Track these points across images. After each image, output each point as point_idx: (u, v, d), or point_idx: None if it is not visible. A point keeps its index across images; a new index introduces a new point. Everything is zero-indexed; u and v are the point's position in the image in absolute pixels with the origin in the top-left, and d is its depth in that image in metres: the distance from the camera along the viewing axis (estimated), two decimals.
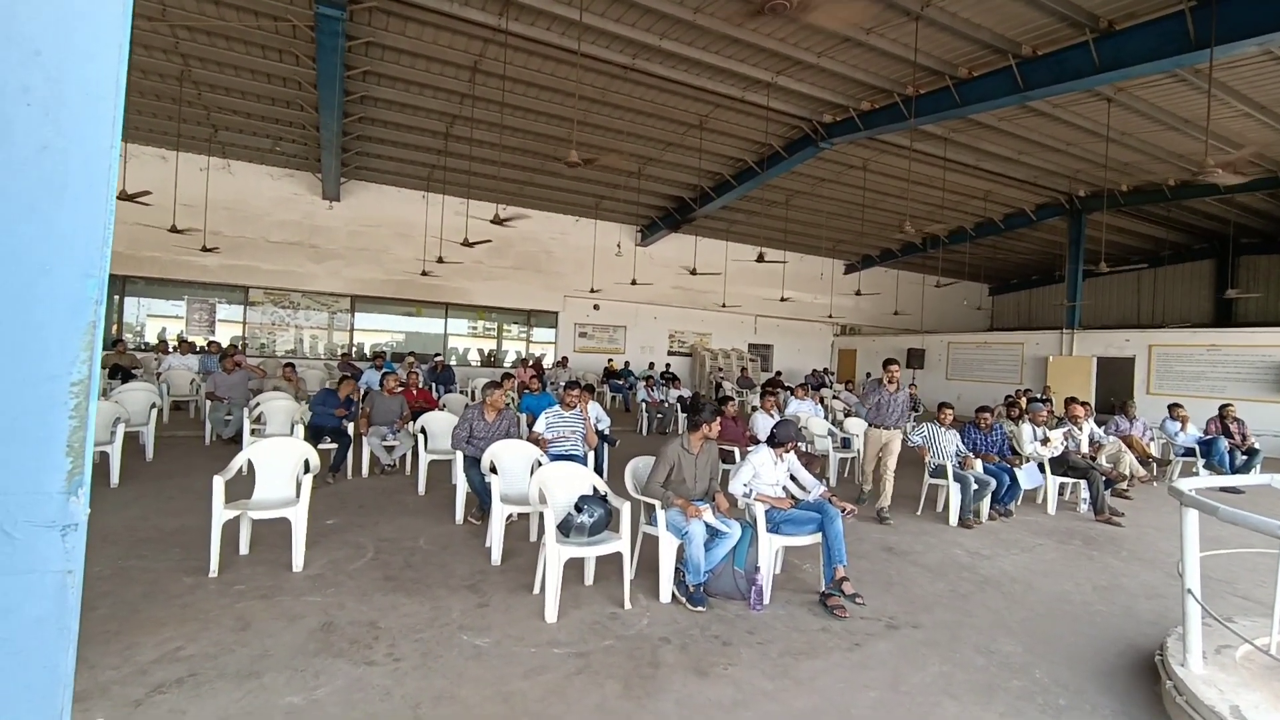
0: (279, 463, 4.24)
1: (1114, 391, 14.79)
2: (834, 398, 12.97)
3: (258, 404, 7.07)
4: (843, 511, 3.81)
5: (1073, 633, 3.52)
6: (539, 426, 5.37)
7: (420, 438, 6.19)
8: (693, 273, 16.02)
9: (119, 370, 10.09)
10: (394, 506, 5.49)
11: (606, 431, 6.77)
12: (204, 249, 12.93)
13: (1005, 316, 25.07)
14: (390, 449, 6.70)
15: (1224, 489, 7.06)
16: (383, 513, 5.27)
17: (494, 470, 4.49)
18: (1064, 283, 17.05)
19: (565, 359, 16.54)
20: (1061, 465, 6.61)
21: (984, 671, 3.02)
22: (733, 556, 3.75)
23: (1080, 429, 6.96)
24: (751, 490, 4.12)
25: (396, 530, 4.79)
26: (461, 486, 5.16)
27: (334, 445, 6.33)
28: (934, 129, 11.33)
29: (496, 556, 4.19)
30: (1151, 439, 8.80)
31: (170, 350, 11.77)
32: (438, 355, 14.20)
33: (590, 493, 3.94)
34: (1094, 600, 4.06)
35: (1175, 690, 2.61)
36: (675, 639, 3.20)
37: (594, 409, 6.78)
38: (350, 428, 6.66)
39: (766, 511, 3.90)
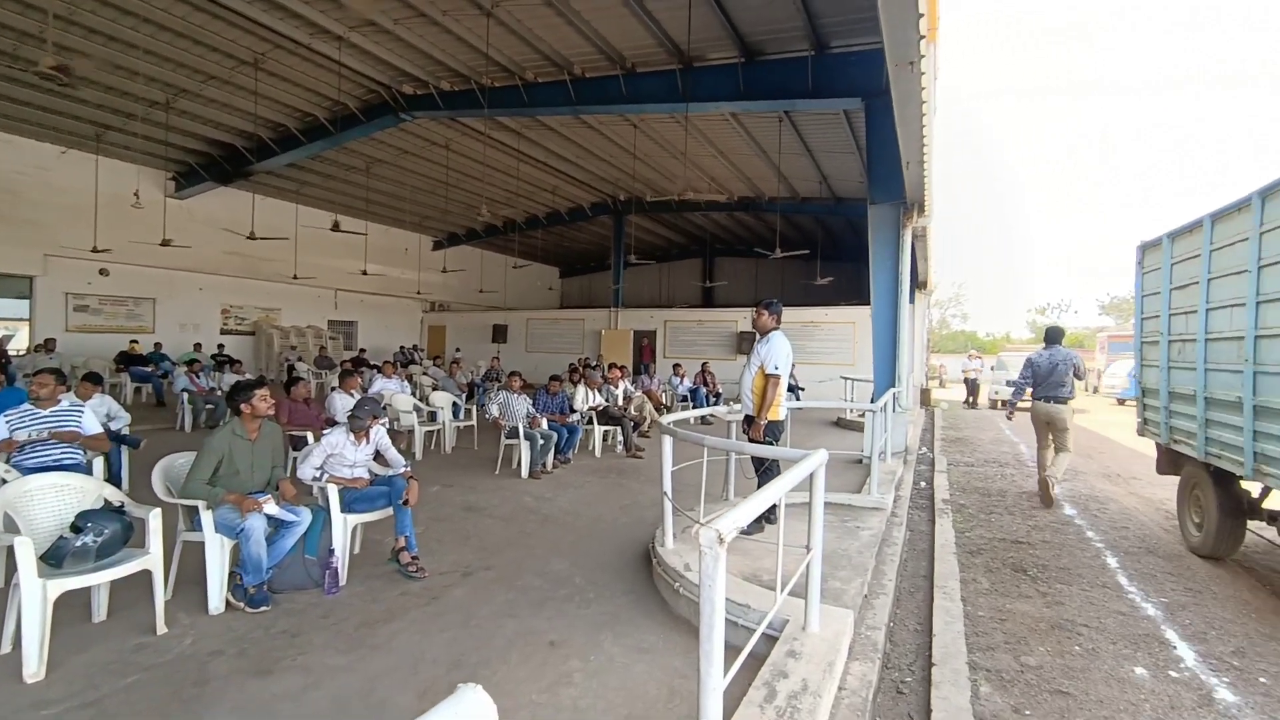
0: None
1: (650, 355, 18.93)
2: (423, 374, 13.01)
3: None
4: (404, 501, 3.81)
5: (604, 545, 4.53)
6: None
7: None
8: (251, 237, 13.54)
9: None
10: None
11: (124, 431, 5.37)
12: None
13: (573, 296, 29.19)
14: None
15: (702, 420, 9.92)
16: None
17: None
18: (611, 270, 20.89)
19: (51, 341, 12.07)
20: (605, 416, 8.25)
21: (539, 590, 3.65)
22: (303, 544, 3.52)
23: (617, 387, 8.78)
24: (324, 474, 3.92)
25: None
26: None
27: None
28: (509, 122, 12.32)
29: None
30: (664, 390, 11.71)
31: None
32: None
33: (98, 506, 3.12)
34: (620, 517, 5.28)
35: (658, 565, 3.68)
36: (231, 648, 2.86)
37: (105, 404, 5.28)
38: None
39: (341, 492, 3.78)
